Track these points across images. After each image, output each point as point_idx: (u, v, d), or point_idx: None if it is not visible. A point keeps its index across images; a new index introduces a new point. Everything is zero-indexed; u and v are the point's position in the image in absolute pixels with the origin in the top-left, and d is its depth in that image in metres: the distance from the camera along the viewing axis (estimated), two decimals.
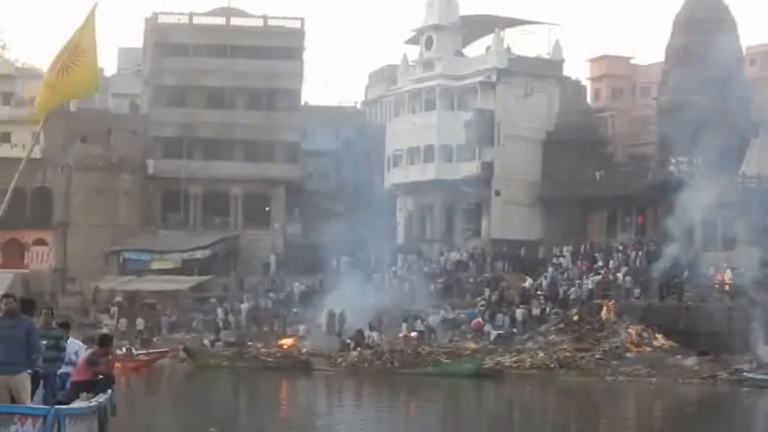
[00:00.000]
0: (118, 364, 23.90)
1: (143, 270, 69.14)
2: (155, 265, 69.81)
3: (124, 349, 50.88)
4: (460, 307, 56.09)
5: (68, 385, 15.45)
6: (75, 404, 14.27)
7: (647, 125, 75.78)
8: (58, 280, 70.35)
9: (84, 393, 15.22)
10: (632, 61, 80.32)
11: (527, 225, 65.65)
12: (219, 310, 61.59)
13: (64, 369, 15.41)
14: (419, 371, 46.88)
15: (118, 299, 65.53)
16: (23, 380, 13.40)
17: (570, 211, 63.38)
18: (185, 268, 69.46)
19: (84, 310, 65.66)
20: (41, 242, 72.61)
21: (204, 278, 67.47)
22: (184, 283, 67.06)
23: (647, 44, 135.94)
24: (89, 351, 15.94)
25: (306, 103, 77.63)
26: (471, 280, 59.78)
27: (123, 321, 61.42)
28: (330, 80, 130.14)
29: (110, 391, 15.65)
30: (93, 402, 14.75)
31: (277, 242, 72.93)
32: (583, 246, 60.31)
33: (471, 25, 68.92)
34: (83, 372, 15.45)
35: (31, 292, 68.78)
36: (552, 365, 46.36)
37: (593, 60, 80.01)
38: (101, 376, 15.59)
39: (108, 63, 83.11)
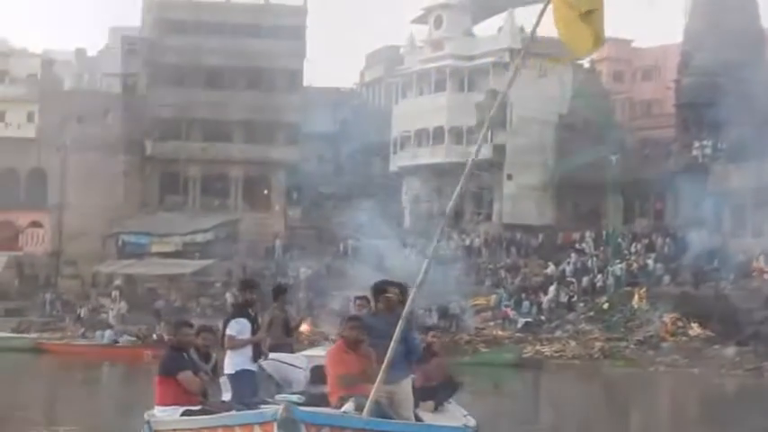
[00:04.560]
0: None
1: (142, 253, 67.28)
2: (154, 248, 67.93)
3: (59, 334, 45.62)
4: (480, 294, 54.76)
5: None
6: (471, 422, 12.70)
7: (650, 109, 74.87)
8: (54, 263, 68.28)
9: (428, 402, 13.58)
10: (633, 44, 79.24)
11: (539, 210, 64.23)
12: (228, 295, 59.84)
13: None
14: (455, 360, 45.11)
15: (117, 282, 63.78)
16: (406, 388, 11.50)
17: (584, 196, 62.03)
18: (185, 251, 67.61)
19: (84, 294, 63.87)
20: (36, 224, 70.36)
21: (207, 262, 65.46)
22: (187, 266, 65.24)
23: (648, 27, 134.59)
24: None
25: (309, 85, 75.65)
26: (491, 266, 58.20)
27: (124, 305, 59.69)
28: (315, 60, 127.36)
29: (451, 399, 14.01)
30: (472, 422, 13.01)
31: (278, 226, 71.14)
32: (605, 231, 58.88)
33: (480, 4, 67.38)
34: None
35: (25, 275, 67.22)
36: (596, 355, 44.84)
37: None
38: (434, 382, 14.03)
39: (96, 41, 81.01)
